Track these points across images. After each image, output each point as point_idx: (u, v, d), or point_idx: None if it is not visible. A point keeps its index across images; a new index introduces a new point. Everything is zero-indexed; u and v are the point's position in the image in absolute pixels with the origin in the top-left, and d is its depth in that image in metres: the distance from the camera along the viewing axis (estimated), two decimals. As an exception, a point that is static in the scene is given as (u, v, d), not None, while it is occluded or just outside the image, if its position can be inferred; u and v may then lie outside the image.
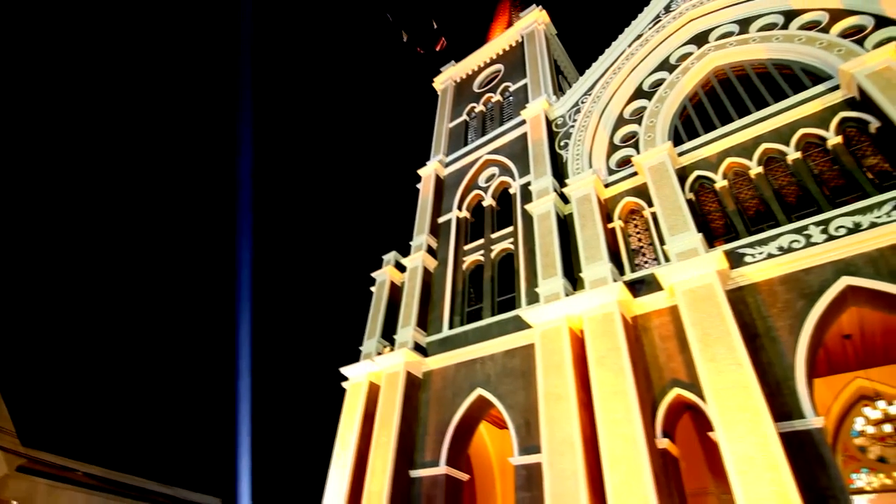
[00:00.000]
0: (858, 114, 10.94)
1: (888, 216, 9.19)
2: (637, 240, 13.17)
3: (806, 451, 8.06)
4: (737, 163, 12.33)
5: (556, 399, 10.47)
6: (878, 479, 13.71)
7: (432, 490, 12.22)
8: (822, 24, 12.84)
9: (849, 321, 11.18)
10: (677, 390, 9.89)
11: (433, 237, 18.09)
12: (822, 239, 9.70)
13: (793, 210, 10.99)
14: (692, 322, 9.65)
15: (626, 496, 8.60)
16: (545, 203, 14.39)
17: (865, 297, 9.17)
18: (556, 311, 11.63)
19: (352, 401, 14.91)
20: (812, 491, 7.67)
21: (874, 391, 12.85)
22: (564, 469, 9.52)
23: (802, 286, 9.51)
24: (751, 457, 7.83)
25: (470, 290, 16.35)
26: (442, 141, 21.81)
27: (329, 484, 13.47)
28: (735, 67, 14.12)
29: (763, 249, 10.36)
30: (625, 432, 9.25)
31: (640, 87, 15.99)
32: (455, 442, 12.82)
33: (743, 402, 8.32)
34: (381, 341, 16.08)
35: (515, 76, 21.29)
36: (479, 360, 13.48)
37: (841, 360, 13.09)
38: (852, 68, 10.73)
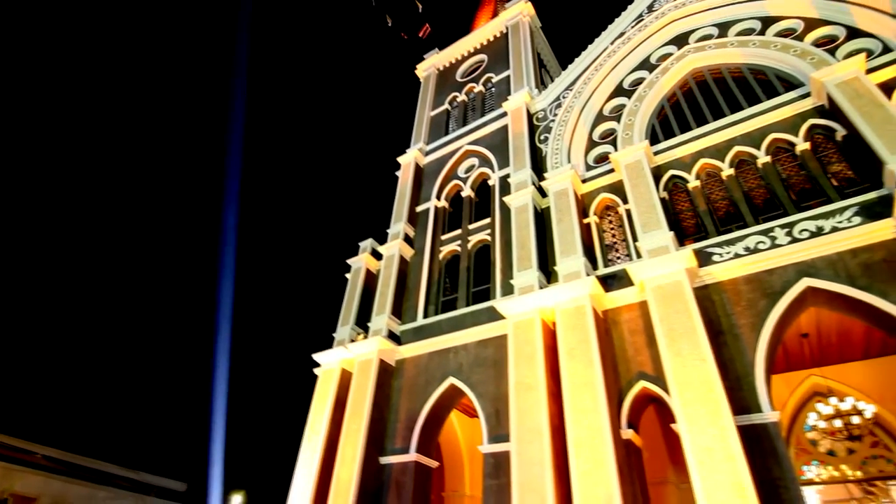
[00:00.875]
0: (826, 121, 11.33)
1: (849, 221, 9.59)
2: (611, 235, 13.41)
3: (762, 443, 8.44)
4: (710, 164, 12.64)
5: (527, 389, 10.65)
6: (826, 471, 14.46)
7: (402, 476, 12.32)
8: (797, 31, 13.20)
9: (807, 321, 11.66)
10: (643, 383, 10.19)
11: (411, 226, 18.03)
12: (787, 241, 10.07)
13: (760, 212, 11.35)
14: (660, 317, 9.92)
15: (590, 484, 8.85)
16: (523, 196, 14.49)
17: (824, 298, 9.58)
18: (529, 303, 11.79)
19: (323, 387, 14.85)
20: (765, 481, 8.05)
21: (827, 388, 13.48)
22: (532, 457, 9.73)
23: (765, 286, 9.87)
24: (710, 448, 8.14)
25: (446, 279, 16.39)
26: (423, 129, 21.66)
27: (298, 470, 13.43)
28: (712, 70, 14.41)
29: (730, 249, 10.69)
30: (591, 422, 9.49)
31: (621, 85, 16.18)
32: (426, 430, 12.93)
33: (705, 396, 8.63)
34: (354, 328, 16.01)
35: (499, 67, 21.25)
36: (453, 350, 13.58)
37: (798, 358, 13.67)
38: (823, 77, 11.09)
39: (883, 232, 9.10)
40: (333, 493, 12.14)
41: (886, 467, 13.47)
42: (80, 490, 26.12)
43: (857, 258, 9.21)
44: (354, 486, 11.89)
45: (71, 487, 25.76)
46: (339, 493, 12.03)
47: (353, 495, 11.75)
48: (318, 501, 12.56)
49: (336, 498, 12.01)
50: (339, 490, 12.10)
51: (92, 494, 26.40)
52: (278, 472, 41.11)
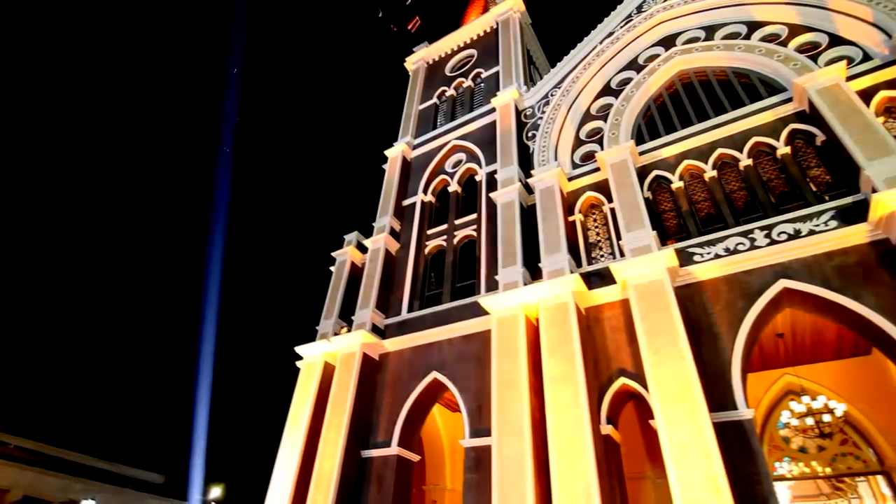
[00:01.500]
0: (807, 126, 11.58)
1: (825, 225, 9.84)
2: (595, 234, 13.55)
3: (737, 439, 8.65)
4: (693, 165, 12.83)
5: (509, 384, 10.74)
6: (797, 468, 14.88)
7: (383, 470, 12.35)
8: (781, 37, 13.43)
9: (783, 321, 11.95)
10: (623, 380, 10.35)
11: (397, 220, 17.98)
12: (765, 243, 10.29)
13: (741, 214, 11.57)
14: (641, 315, 10.08)
15: (569, 478, 8.98)
16: (510, 193, 14.54)
17: (799, 300, 9.83)
18: (513, 299, 11.86)
19: (306, 380, 14.78)
20: (739, 476, 8.26)
21: (800, 387, 13.85)
22: (512, 451, 9.83)
23: (744, 286, 10.09)
24: (686, 444, 8.32)
25: (431, 274, 16.40)
26: (411, 123, 21.56)
27: (278, 463, 13.37)
28: (698, 72, 14.59)
29: (711, 250, 10.90)
30: (572, 418, 9.62)
31: (608, 85, 16.30)
32: (408, 423, 12.96)
33: (683, 393, 8.81)
34: (338, 322, 15.94)
35: (488, 63, 21.22)
36: (437, 345, 13.61)
37: (773, 357, 14.01)
38: (805, 83, 11.31)
39: (857, 236, 9.36)
40: (314, 485, 12.12)
41: (855, 464, 13.91)
42: (55, 482, 25.65)
43: (832, 261, 9.46)
44: (335, 479, 11.88)
45: (45, 479, 25.28)
46: (320, 485, 12.01)
47: (334, 488, 11.75)
48: (298, 494, 12.53)
49: (317, 491, 11.99)
50: (319, 483, 12.08)
51: (67, 486, 25.94)
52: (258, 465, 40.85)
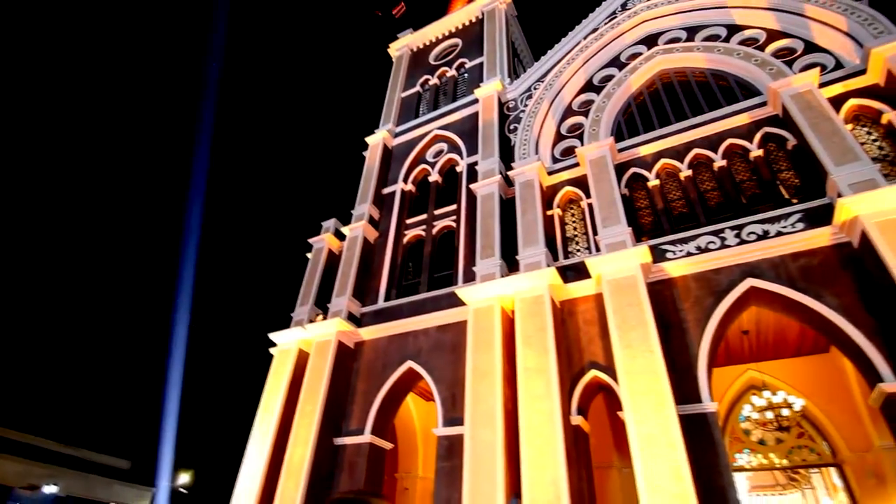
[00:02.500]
0: (779, 130, 11.91)
1: (793, 227, 10.18)
2: (573, 228, 13.72)
3: (700, 431, 8.95)
4: (670, 164, 13.08)
5: (483, 374, 10.86)
6: (756, 459, 15.49)
7: (355, 457, 12.38)
8: (759, 41, 13.72)
9: (748, 318, 12.34)
10: (594, 372, 10.57)
11: (376, 208, 17.85)
12: (735, 242, 10.59)
13: (713, 213, 11.87)
14: (614, 310, 10.29)
15: (539, 466, 9.17)
16: (490, 185, 14.59)
17: (765, 298, 10.17)
18: (490, 291, 11.96)
19: (279, 367, 14.64)
20: (701, 467, 8.56)
21: (762, 382, 14.36)
22: (485, 440, 9.97)
23: (713, 284, 10.38)
24: (653, 435, 8.58)
25: (409, 263, 16.38)
26: (393, 110, 21.35)
27: (249, 449, 13.26)
28: (678, 72, 14.82)
29: (683, 248, 11.17)
30: (543, 408, 9.80)
31: (591, 81, 16.43)
32: (382, 412, 12.99)
33: (651, 386, 9.06)
34: (314, 309, 15.81)
35: (472, 53, 21.12)
36: (412, 334, 13.64)
37: (738, 353, 14.49)
38: (779, 87, 11.61)
39: (822, 238, 9.71)
40: (285, 472, 12.08)
41: (809, 457, 14.55)
42: (14, 466, 24.87)
43: (797, 262, 9.80)
44: (307, 466, 11.86)
45: (4, 463, 24.50)
46: (291, 473, 11.98)
47: (306, 475, 11.74)
48: (268, 481, 12.46)
49: (288, 478, 11.95)
50: (291, 470, 12.04)
51: (27, 471, 25.19)
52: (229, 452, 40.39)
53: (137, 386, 51.59)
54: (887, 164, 10.43)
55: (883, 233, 8.53)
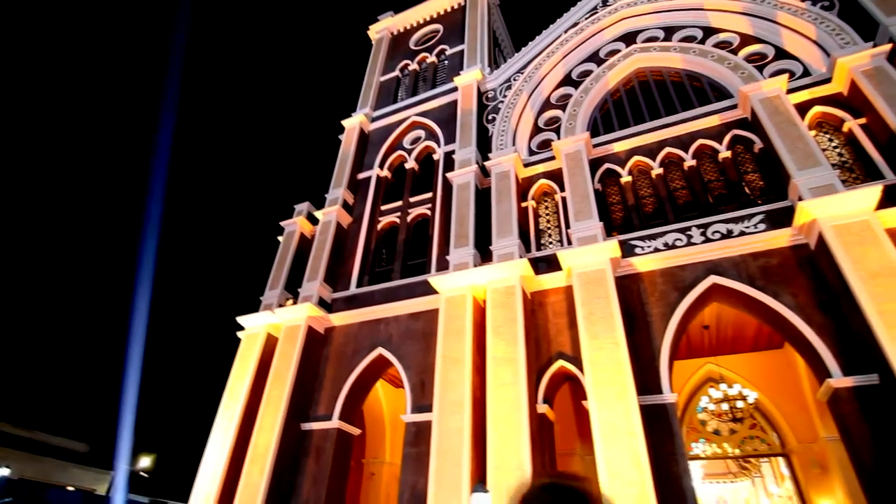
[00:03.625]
0: (748, 133, 12.29)
1: (755, 227, 10.57)
2: (546, 221, 13.89)
3: (660, 421, 9.29)
4: (642, 162, 13.34)
5: (453, 362, 10.97)
6: (711, 448, 16.19)
7: (322, 442, 12.36)
8: (732, 45, 14.06)
9: (709, 314, 12.82)
10: (561, 362, 10.81)
11: (350, 193, 17.64)
12: (701, 240, 10.94)
13: (681, 211, 12.20)
14: (583, 302, 10.52)
15: (504, 453, 9.36)
16: (466, 174, 14.60)
17: (726, 295, 10.56)
18: (463, 280, 12.03)
19: (246, 351, 14.43)
20: (659, 455, 8.91)
21: (719, 375, 14.97)
22: (452, 427, 10.10)
23: (677, 280, 10.72)
24: (614, 424, 8.86)
25: (382, 250, 16.30)
26: (371, 94, 21.03)
27: (213, 434, 13.08)
28: (654, 71, 15.07)
29: (651, 244, 11.46)
30: (511, 396, 9.98)
31: (570, 75, 16.54)
32: (350, 398, 12.98)
33: (615, 377, 9.33)
34: (284, 293, 15.59)
35: (453, 40, 20.94)
36: (384, 321, 13.62)
37: (698, 347, 15.03)
38: (750, 91, 11.95)
39: (781, 239, 10.13)
40: (250, 457, 11.98)
41: (760, 447, 15.31)
42: (-38, 448, 23.84)
43: (757, 261, 10.20)
44: (273, 451, 11.78)
45: (-50, 445, 23.44)
46: (256, 458, 11.88)
47: (271, 460, 11.66)
48: (232, 467, 12.35)
49: (252, 463, 11.86)
50: (256, 455, 11.94)
51: (-24, 453, 24.16)
52: (192, 437, 39.77)
53: (96, 368, 50.00)
54: (845, 171, 10.91)
55: (838, 236, 8.95)
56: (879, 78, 10.67)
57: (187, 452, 34.15)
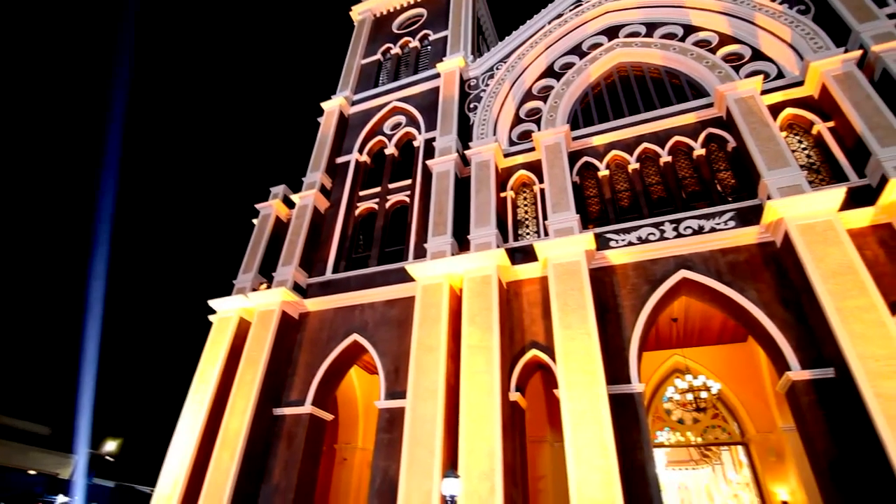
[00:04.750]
0: (722, 132, 12.57)
1: (725, 224, 10.86)
2: (524, 211, 13.99)
3: (627, 410, 9.56)
4: (620, 156, 13.52)
5: (428, 350, 11.03)
6: (674, 437, 16.77)
7: (295, 428, 12.31)
8: (711, 44, 14.29)
9: (678, 307, 13.17)
10: (535, 351, 10.99)
11: (328, 177, 17.39)
12: (673, 235, 11.20)
13: (655, 206, 12.45)
14: (557, 293, 10.68)
15: (476, 439, 9.50)
16: (446, 162, 14.55)
17: (694, 289, 10.86)
18: (440, 268, 12.06)
19: (218, 335, 14.19)
20: (625, 442, 9.18)
21: (686, 366, 15.46)
22: (425, 413, 10.19)
23: (649, 273, 10.97)
24: (584, 412, 9.08)
25: (359, 236, 16.17)
26: (352, 77, 20.66)
27: (183, 418, 12.88)
28: (635, 67, 15.23)
29: (626, 237, 11.68)
30: (484, 384, 10.11)
31: (552, 66, 16.57)
32: (324, 384, 12.94)
33: (586, 366, 9.53)
34: (258, 277, 15.35)
35: (437, 26, 20.70)
36: (360, 307, 13.57)
37: (666, 339, 15.47)
38: (726, 91, 12.20)
39: (749, 236, 10.45)
40: (220, 442, 11.85)
41: (721, 435, 15.92)
42: (-85, 430, 22.90)
43: (726, 257, 10.51)
44: (244, 436, 11.68)
45: None
46: (227, 442, 11.77)
47: (242, 445, 11.57)
48: (202, 451, 12.20)
49: (223, 447, 11.74)
50: (226, 439, 11.83)
51: (-70, 436, 23.27)
52: (161, 421, 39.11)
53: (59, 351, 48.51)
54: (812, 172, 11.29)
55: (802, 235, 9.28)
56: (849, 83, 11.02)
57: (156, 437, 33.54)
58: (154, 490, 12.12)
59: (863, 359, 7.81)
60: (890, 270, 9.04)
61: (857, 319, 8.16)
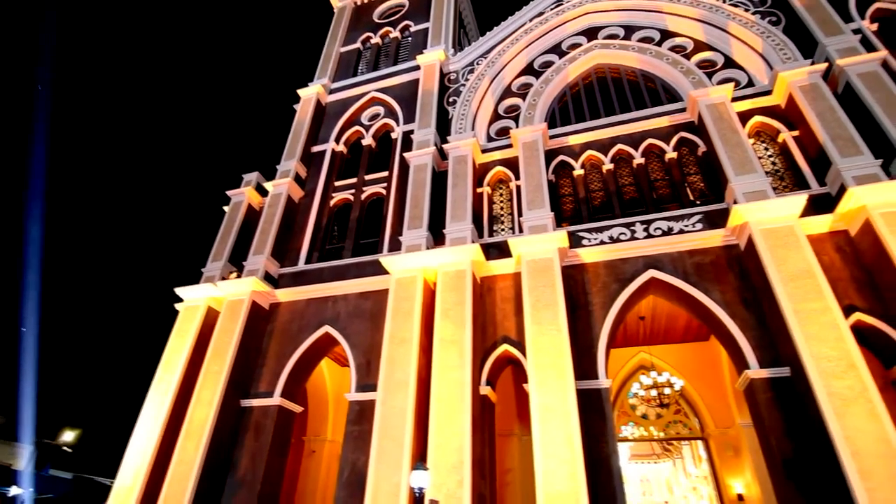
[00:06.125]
0: (693, 137, 12.90)
1: (692, 227, 11.18)
2: (500, 207, 14.09)
3: (594, 405, 9.78)
4: (595, 156, 13.74)
5: (400, 343, 11.02)
6: (638, 431, 17.26)
7: (263, 419, 12.15)
8: (686, 50, 14.63)
9: (646, 306, 13.51)
10: (506, 346, 11.12)
11: (303, 166, 17.11)
12: (643, 236, 11.46)
13: (627, 207, 12.72)
14: (530, 289, 10.82)
15: (446, 432, 9.57)
16: (424, 156, 14.50)
17: (662, 289, 11.16)
18: (415, 262, 12.04)
19: (184, 324, 13.84)
20: (591, 436, 9.41)
21: (651, 363, 15.90)
22: (396, 406, 10.20)
23: (619, 272, 11.21)
24: (552, 406, 9.25)
25: (334, 227, 15.99)
26: (330, 65, 20.33)
27: (146, 409, 12.52)
28: (612, 69, 15.46)
29: (598, 236, 11.90)
30: (455, 377, 10.18)
31: (531, 64, 16.67)
32: (294, 375, 12.79)
33: (555, 362, 9.70)
34: (227, 266, 15.01)
35: (418, 17, 20.54)
36: (332, 299, 13.44)
37: (633, 336, 15.86)
38: (698, 97, 12.52)
39: (715, 239, 10.79)
40: (185, 433, 11.60)
41: (682, 430, 16.46)
42: None
43: (693, 258, 10.83)
44: (210, 427, 11.46)
45: None
46: (192, 433, 11.53)
47: (208, 436, 11.35)
48: (165, 441, 11.91)
49: (188, 438, 11.50)
50: (191, 430, 11.58)
51: None
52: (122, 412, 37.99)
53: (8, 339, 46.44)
54: (777, 179, 11.72)
55: (765, 239, 9.64)
56: (814, 94, 11.46)
57: (117, 428, 32.55)
58: (114, 482, 11.78)
59: (816, 359, 8.19)
60: (844, 275, 9.49)
61: (813, 321, 8.54)
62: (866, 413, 7.58)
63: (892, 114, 10.40)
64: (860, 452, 7.32)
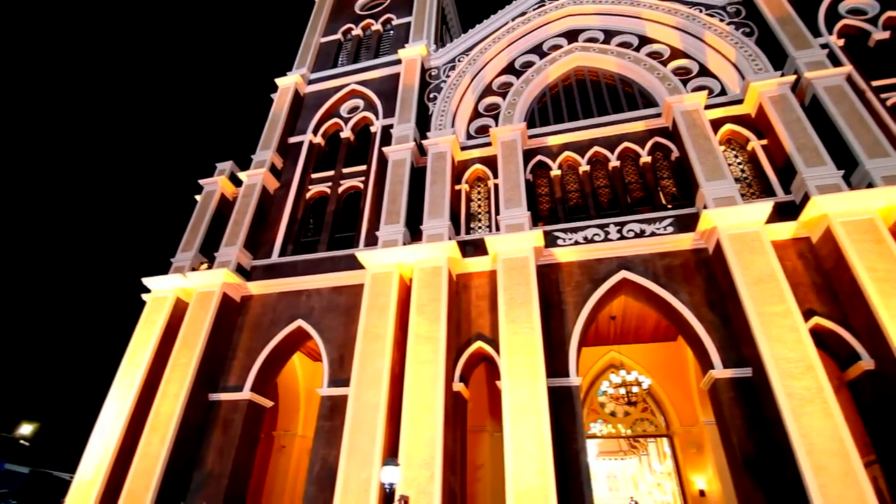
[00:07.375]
0: (667, 142, 13.20)
1: (664, 230, 11.46)
2: (477, 205, 14.15)
3: (564, 402, 9.96)
4: (572, 157, 13.92)
5: (374, 338, 10.98)
6: (606, 428, 17.65)
7: (231, 414, 11.94)
8: (663, 56, 14.93)
9: (617, 306, 13.80)
10: (480, 343, 11.20)
11: (280, 157, 16.81)
12: (617, 237, 11.69)
13: (602, 208, 12.94)
14: (504, 287, 10.92)
15: (418, 428, 9.60)
16: (403, 151, 14.43)
17: (633, 289, 11.42)
18: (391, 257, 12.00)
19: (152, 315, 13.46)
20: (561, 433, 9.58)
21: (620, 362, 16.26)
22: (368, 401, 10.16)
23: (593, 272, 11.42)
24: (524, 403, 9.37)
25: (310, 220, 15.78)
26: (309, 54, 19.99)
27: (108, 401, 12.14)
28: (591, 71, 15.67)
29: (573, 237, 12.07)
30: (429, 373, 10.21)
31: (512, 64, 16.75)
32: (264, 369, 12.60)
33: (528, 359, 9.83)
34: (198, 256, 14.65)
35: (401, 11, 20.37)
36: (306, 293, 13.28)
37: (604, 335, 16.18)
38: (673, 103, 12.81)
39: (685, 242, 11.09)
40: (150, 427, 11.30)
41: (649, 428, 16.91)
42: None
43: (663, 260, 11.11)
44: (176, 421, 11.20)
45: None
46: (157, 427, 11.24)
47: (174, 430, 11.09)
48: (129, 435, 11.58)
49: (153, 432, 11.21)
50: (157, 424, 11.29)
51: None
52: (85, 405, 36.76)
53: (-31, 323, 44.41)
54: (745, 186, 12.10)
55: (732, 243, 9.95)
56: (783, 105, 11.86)
57: (78, 421, 31.50)
58: (74, 476, 11.40)
59: (777, 360, 8.51)
60: (805, 280, 9.89)
61: (775, 324, 8.87)
62: (821, 413, 7.93)
63: (854, 126, 10.85)
64: (815, 450, 7.66)
